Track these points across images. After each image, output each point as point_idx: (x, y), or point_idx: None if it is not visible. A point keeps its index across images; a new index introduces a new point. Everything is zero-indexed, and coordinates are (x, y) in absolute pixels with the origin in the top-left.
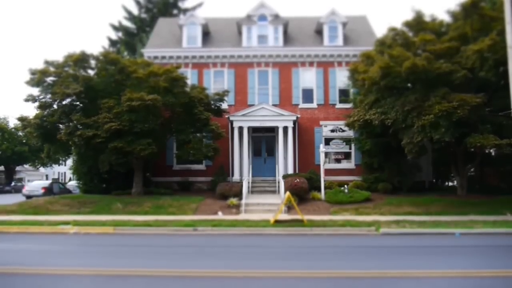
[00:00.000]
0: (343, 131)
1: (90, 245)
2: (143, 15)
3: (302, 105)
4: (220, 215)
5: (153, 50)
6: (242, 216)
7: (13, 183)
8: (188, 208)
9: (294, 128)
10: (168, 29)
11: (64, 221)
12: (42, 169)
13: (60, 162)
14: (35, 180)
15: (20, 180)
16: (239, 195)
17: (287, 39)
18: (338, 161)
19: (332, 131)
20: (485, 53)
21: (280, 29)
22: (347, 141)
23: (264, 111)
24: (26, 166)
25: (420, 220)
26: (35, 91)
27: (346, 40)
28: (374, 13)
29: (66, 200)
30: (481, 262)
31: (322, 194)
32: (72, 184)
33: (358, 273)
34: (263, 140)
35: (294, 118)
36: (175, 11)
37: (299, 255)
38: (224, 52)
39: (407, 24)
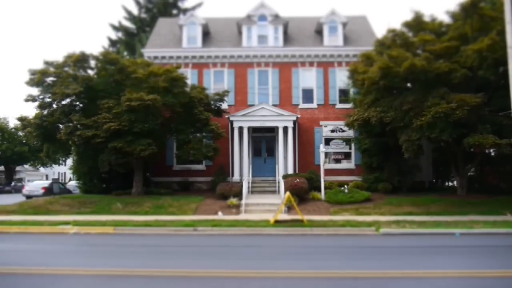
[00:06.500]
0: (343, 131)
1: (90, 245)
2: (143, 15)
3: (302, 105)
4: (220, 215)
5: (153, 50)
6: (242, 216)
7: (13, 183)
8: (188, 208)
9: (294, 128)
10: (168, 29)
11: (64, 221)
12: (42, 169)
13: (60, 162)
14: (35, 180)
15: (20, 180)
16: (239, 195)
17: (287, 39)
18: (338, 161)
19: (332, 131)
20: (485, 52)
21: (280, 29)
22: (347, 141)
23: (264, 111)
24: (26, 166)
25: (420, 220)
26: (35, 91)
27: (346, 40)
28: (374, 13)
29: (66, 200)
30: (481, 262)
31: (322, 194)
32: (72, 184)
33: (358, 273)
34: (263, 140)
35: (294, 118)
36: (175, 11)
37: (299, 255)
38: (224, 52)
39: (407, 24)
